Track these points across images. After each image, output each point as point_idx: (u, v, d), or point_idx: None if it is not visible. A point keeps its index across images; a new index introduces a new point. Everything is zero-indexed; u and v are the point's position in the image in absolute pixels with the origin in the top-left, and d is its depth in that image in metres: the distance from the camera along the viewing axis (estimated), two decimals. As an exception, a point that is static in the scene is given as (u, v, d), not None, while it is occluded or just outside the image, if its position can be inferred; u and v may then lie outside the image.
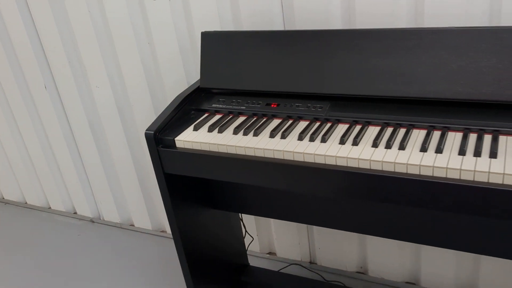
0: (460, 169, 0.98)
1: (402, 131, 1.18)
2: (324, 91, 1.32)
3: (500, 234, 1.32)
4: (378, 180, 1.08)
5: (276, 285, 1.88)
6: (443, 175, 1.00)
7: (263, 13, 1.60)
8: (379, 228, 1.52)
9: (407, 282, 1.85)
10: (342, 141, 1.17)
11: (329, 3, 1.49)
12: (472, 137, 1.09)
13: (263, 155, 1.22)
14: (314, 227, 1.93)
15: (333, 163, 1.14)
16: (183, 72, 1.86)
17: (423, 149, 1.07)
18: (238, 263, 1.94)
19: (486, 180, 0.97)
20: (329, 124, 1.27)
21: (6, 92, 2.38)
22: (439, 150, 1.05)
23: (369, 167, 1.09)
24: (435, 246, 1.44)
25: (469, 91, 1.13)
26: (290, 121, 1.33)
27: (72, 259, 2.32)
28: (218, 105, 1.47)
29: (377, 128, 1.21)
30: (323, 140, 1.20)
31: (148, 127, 1.36)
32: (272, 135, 1.26)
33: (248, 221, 2.06)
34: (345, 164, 1.12)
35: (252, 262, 2.08)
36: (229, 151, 1.27)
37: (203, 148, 1.31)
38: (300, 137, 1.22)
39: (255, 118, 1.38)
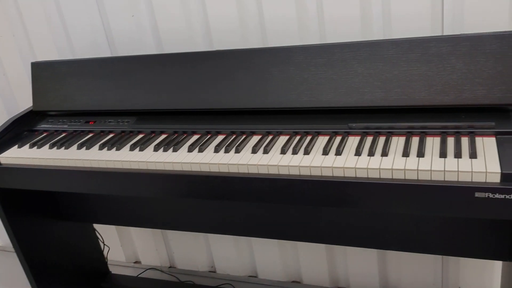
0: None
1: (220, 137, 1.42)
2: (129, 107, 1.55)
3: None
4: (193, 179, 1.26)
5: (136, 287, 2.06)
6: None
7: (91, 41, 1.82)
8: (220, 226, 1.74)
9: (249, 276, 2.08)
10: (142, 148, 1.40)
11: (143, 33, 1.73)
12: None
13: (67, 165, 1.43)
14: (168, 232, 2.13)
15: (129, 166, 1.35)
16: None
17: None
18: (98, 271, 2.10)
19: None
20: (130, 135, 1.49)
21: None
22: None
23: (173, 169, 1.32)
24: (266, 238, 1.67)
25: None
26: (101, 135, 1.54)
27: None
28: (46, 125, 1.66)
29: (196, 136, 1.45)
30: (118, 148, 1.42)
31: (-26, 147, 1.53)
32: (79, 147, 1.47)
33: (110, 231, 2.22)
34: (153, 168, 1.33)
35: (116, 271, 2.24)
36: (41, 163, 1.46)
37: (21, 163, 1.49)
38: (100, 147, 1.44)
39: (74, 134, 1.58)
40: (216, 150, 1.30)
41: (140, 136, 1.49)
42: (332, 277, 1.91)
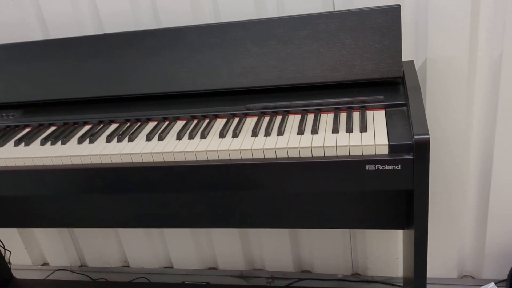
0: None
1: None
2: (14, 99, 1.43)
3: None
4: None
5: (41, 292, 1.93)
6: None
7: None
8: (128, 219, 1.65)
9: (165, 267, 2.02)
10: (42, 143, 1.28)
11: (26, 19, 1.59)
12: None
13: None
14: (75, 230, 2.01)
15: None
16: None
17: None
18: (0, 278, 1.95)
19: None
20: (15, 130, 1.38)
21: None
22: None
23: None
24: (176, 227, 1.64)
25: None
26: (-16, 131, 1.41)
27: None
28: None
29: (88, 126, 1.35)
30: (1, 145, 1.30)
31: None
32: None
33: (10, 234, 2.07)
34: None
35: (22, 275, 2.10)
36: None
37: None
38: (-19, 145, 1.31)
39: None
40: (108, 140, 1.22)
41: (27, 130, 1.37)
42: (247, 260, 1.90)
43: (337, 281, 1.82)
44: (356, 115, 1.14)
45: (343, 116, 1.15)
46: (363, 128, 1.07)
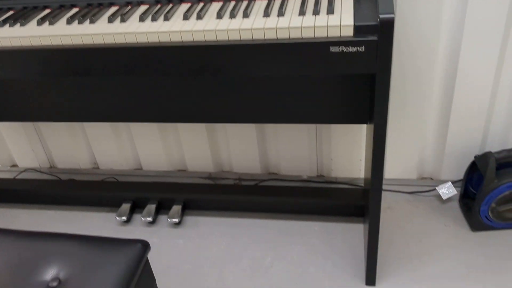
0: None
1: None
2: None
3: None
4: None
5: (12, 189, 1.93)
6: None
7: None
8: (94, 112, 1.62)
9: (135, 169, 2.04)
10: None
11: None
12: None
13: None
14: (43, 131, 1.99)
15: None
16: None
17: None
18: (-33, 177, 1.95)
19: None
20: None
21: None
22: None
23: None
24: (143, 122, 1.63)
25: None
26: None
27: None
28: None
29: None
30: None
31: None
32: None
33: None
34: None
35: (-10, 176, 2.11)
36: None
37: None
38: None
39: None
40: (69, 22, 1.18)
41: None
42: (215, 162, 1.93)
43: (302, 182, 1.87)
44: (324, 0, 1.12)
45: (311, 1, 1.13)
46: (330, 11, 1.05)
